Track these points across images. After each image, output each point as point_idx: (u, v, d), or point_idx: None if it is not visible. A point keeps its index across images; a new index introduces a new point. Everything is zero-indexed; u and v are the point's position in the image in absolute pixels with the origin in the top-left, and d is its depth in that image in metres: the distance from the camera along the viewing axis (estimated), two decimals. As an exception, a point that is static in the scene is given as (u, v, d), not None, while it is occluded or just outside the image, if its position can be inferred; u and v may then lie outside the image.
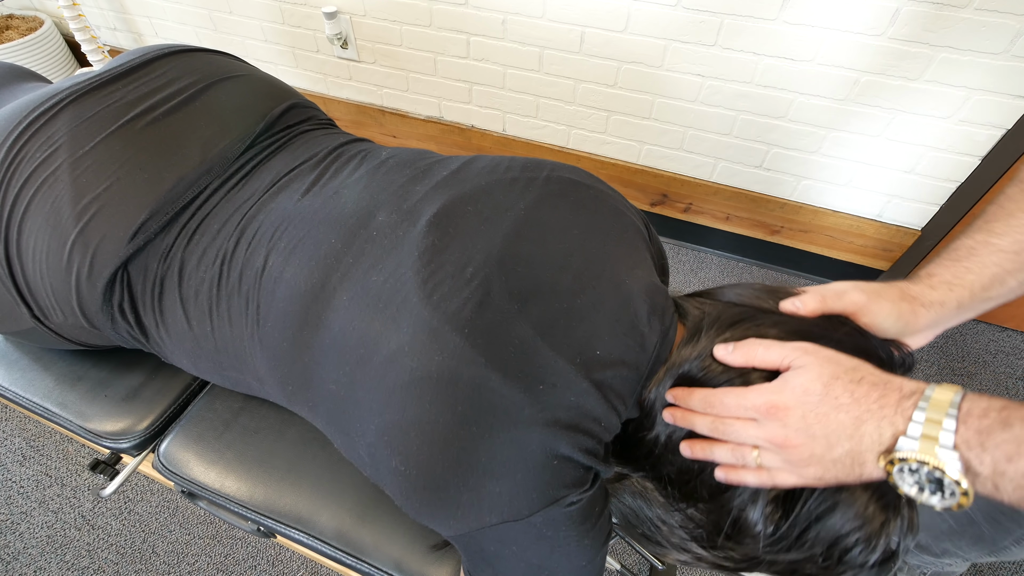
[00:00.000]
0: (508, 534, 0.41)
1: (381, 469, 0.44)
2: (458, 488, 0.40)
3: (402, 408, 0.41)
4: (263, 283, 0.50)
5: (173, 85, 0.61)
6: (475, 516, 0.41)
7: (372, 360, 0.43)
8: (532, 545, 0.42)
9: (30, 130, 0.55)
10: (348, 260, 0.47)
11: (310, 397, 0.49)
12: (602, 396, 0.42)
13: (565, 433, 0.40)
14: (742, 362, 0.40)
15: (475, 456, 0.40)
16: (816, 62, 1.13)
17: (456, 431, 0.40)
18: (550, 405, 0.40)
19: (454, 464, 0.40)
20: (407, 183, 0.53)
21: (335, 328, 0.45)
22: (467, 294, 0.43)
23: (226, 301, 0.52)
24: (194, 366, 0.59)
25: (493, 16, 1.32)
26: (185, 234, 0.55)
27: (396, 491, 0.44)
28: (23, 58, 1.80)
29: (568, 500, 0.41)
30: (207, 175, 0.57)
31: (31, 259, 0.54)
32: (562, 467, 0.41)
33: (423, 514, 0.44)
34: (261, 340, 0.50)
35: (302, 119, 0.67)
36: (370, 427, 0.43)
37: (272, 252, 0.51)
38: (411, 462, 0.41)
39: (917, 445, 0.32)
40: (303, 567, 1.08)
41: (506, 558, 0.43)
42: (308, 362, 0.47)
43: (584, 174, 0.56)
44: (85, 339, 0.64)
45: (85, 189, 0.53)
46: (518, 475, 0.40)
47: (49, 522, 1.13)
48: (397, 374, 0.41)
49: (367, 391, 0.43)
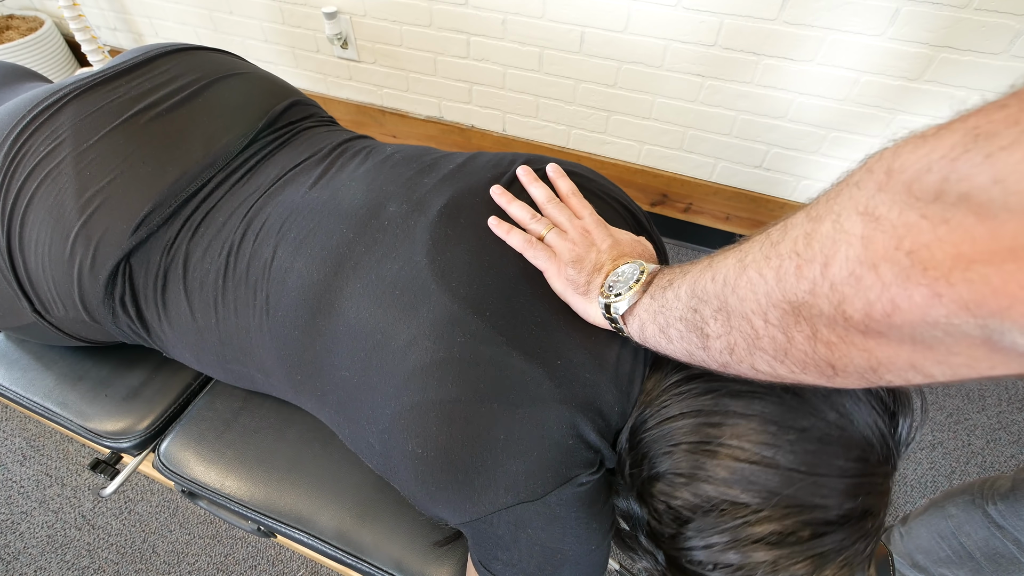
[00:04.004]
0: (523, 516, 0.42)
1: (394, 455, 0.45)
2: (476, 468, 0.41)
3: (423, 389, 0.42)
4: (272, 273, 0.51)
5: (176, 82, 0.62)
6: (491, 497, 0.42)
7: (389, 346, 0.44)
8: (546, 527, 0.43)
9: (34, 124, 0.56)
10: (360, 249, 0.49)
11: (320, 386, 0.50)
12: (613, 376, 0.43)
13: (580, 411, 0.42)
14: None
15: (494, 434, 0.41)
16: (816, 62, 1.13)
17: (477, 408, 0.41)
18: (567, 380, 0.42)
19: (473, 443, 0.41)
20: (415, 176, 0.54)
21: (349, 316, 0.47)
22: (485, 279, 0.45)
23: (232, 292, 0.53)
24: (196, 359, 0.59)
25: (493, 16, 1.32)
26: (189, 227, 0.55)
27: (410, 477, 0.45)
28: (23, 58, 1.80)
29: (579, 480, 0.42)
30: (210, 169, 0.58)
31: (33, 252, 0.55)
32: (576, 446, 0.42)
33: (439, 499, 0.44)
34: (271, 330, 0.51)
35: (304, 116, 0.68)
36: (385, 412, 0.44)
37: (281, 243, 0.52)
38: (429, 444, 0.42)
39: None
40: (303, 567, 1.08)
41: (520, 542, 0.43)
42: (319, 350, 0.48)
43: (586, 169, 0.58)
44: (86, 334, 0.64)
45: (89, 182, 0.54)
46: (534, 453, 0.41)
47: (49, 522, 1.13)
48: (418, 357, 0.43)
49: (383, 376, 0.44)
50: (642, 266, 0.42)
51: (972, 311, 0.19)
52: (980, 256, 0.19)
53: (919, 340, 0.22)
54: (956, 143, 0.20)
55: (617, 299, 0.41)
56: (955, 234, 0.19)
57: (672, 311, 0.36)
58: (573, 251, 0.46)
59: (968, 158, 0.19)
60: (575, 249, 0.46)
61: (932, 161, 0.20)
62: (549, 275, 0.47)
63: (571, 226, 0.49)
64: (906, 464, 1.18)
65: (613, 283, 0.42)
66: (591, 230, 0.49)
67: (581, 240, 0.47)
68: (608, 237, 0.48)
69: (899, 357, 0.24)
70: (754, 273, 0.29)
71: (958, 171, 0.19)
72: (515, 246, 0.48)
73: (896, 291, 0.21)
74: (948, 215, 0.20)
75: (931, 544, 0.84)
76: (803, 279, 0.26)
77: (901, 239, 0.21)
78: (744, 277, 0.30)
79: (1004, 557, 0.75)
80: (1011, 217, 0.18)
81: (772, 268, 0.28)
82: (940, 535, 0.83)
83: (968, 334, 0.20)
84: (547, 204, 0.52)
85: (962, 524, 0.79)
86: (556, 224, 0.50)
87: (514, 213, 0.51)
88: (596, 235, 0.48)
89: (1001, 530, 0.74)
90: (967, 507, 0.79)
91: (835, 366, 0.27)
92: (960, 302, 0.19)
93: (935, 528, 0.83)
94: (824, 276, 0.25)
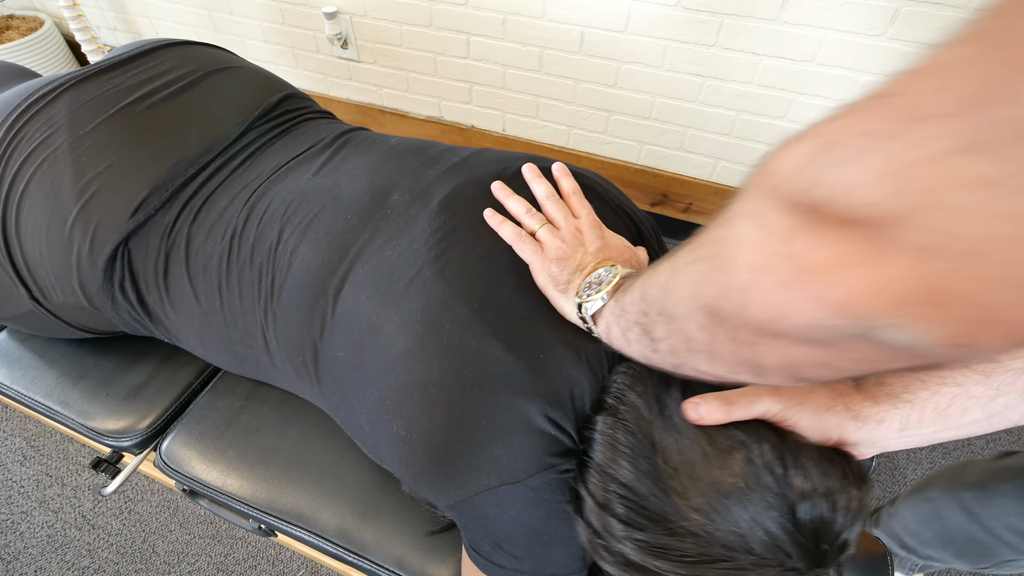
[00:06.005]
0: (506, 496, 0.43)
1: (380, 436, 0.46)
2: (458, 452, 0.42)
3: (408, 371, 0.43)
4: (277, 256, 0.52)
5: (171, 73, 0.62)
6: (474, 479, 0.42)
7: (382, 328, 0.45)
8: (530, 508, 0.43)
9: (29, 112, 0.56)
10: (365, 236, 0.50)
11: (319, 367, 0.51)
12: (592, 372, 0.44)
13: (560, 405, 0.42)
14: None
15: (476, 419, 0.42)
16: (816, 62, 1.13)
17: (459, 394, 0.42)
18: (548, 375, 0.42)
19: (455, 427, 0.42)
20: (419, 167, 0.55)
21: (349, 299, 0.48)
22: (477, 270, 0.46)
23: (236, 275, 0.53)
24: (201, 343, 0.60)
25: (493, 16, 1.32)
26: (189, 211, 0.56)
27: (395, 459, 0.46)
28: (23, 58, 1.80)
29: (562, 467, 0.43)
30: (207, 154, 0.58)
31: (30, 238, 0.55)
32: (556, 437, 0.42)
33: (422, 481, 0.45)
34: (276, 312, 0.52)
35: (299, 107, 0.69)
36: (373, 392, 0.45)
37: (286, 227, 0.52)
38: (413, 427, 0.43)
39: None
40: (303, 566, 1.08)
41: (506, 523, 0.44)
42: (321, 331, 0.49)
43: (590, 172, 0.58)
44: (85, 322, 0.64)
45: (86, 168, 0.54)
46: (515, 439, 0.42)
47: (49, 522, 1.13)
48: (407, 339, 0.44)
49: (374, 356, 0.45)
50: (618, 270, 0.43)
51: (845, 313, 0.20)
52: (840, 260, 0.19)
53: (817, 341, 0.22)
54: (812, 150, 0.20)
55: (588, 300, 0.42)
56: (819, 239, 0.20)
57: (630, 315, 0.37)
58: (560, 249, 0.47)
59: (821, 166, 0.20)
60: (562, 247, 0.47)
61: (798, 167, 0.21)
62: (534, 269, 0.47)
63: (565, 224, 0.49)
64: (906, 463, 1.18)
65: (589, 284, 0.43)
66: (584, 230, 0.49)
67: (571, 239, 0.48)
68: (598, 239, 0.48)
69: (807, 356, 0.24)
70: (684, 278, 0.29)
71: (816, 178, 0.20)
72: (505, 237, 0.49)
73: (783, 295, 0.22)
74: (814, 221, 0.20)
75: (916, 526, 0.85)
76: (712, 283, 0.26)
77: (783, 243, 0.21)
78: (676, 281, 0.30)
79: (980, 544, 0.75)
80: (857, 224, 0.18)
81: (692, 272, 0.28)
82: (922, 518, 0.83)
83: (854, 334, 0.20)
84: (546, 200, 0.52)
85: (940, 509, 0.80)
86: (551, 220, 0.50)
87: (511, 207, 0.51)
88: (587, 236, 0.48)
89: (975, 517, 0.75)
90: (943, 492, 0.80)
91: (760, 365, 0.27)
92: (833, 305, 0.20)
93: (918, 511, 0.84)
94: (728, 280, 0.25)
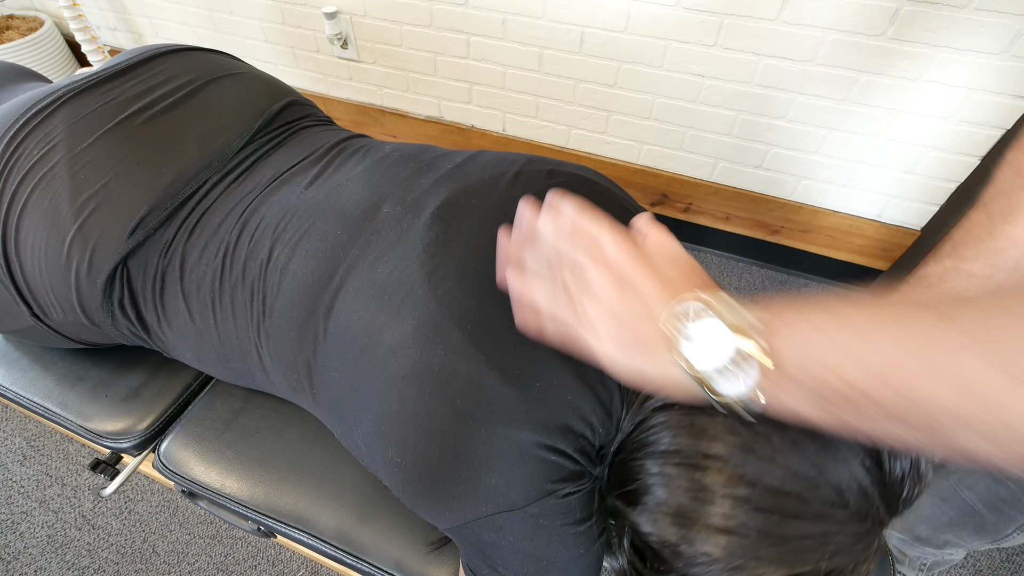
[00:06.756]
0: (505, 524, 0.42)
1: (377, 459, 0.45)
2: (454, 480, 0.41)
3: (401, 399, 0.42)
4: (268, 274, 0.50)
5: (171, 83, 0.61)
6: (471, 507, 0.41)
7: (375, 350, 0.44)
8: (529, 535, 0.42)
9: (27, 127, 0.55)
10: (355, 252, 0.48)
11: (313, 385, 0.50)
12: (595, 397, 0.42)
13: (559, 432, 0.41)
14: None
15: (471, 448, 0.40)
16: (816, 62, 1.13)
17: (453, 424, 0.40)
18: (545, 403, 0.40)
19: (450, 456, 0.40)
20: (411, 176, 0.53)
21: (340, 318, 0.46)
22: (471, 289, 0.43)
23: (229, 293, 0.52)
24: (198, 359, 0.59)
25: (493, 16, 1.32)
26: (185, 229, 0.55)
27: (392, 482, 0.45)
28: (23, 58, 1.80)
29: (563, 492, 0.41)
30: (206, 170, 0.57)
31: (30, 256, 0.54)
32: (557, 463, 0.41)
33: (419, 506, 0.44)
34: (268, 330, 0.51)
35: (301, 116, 0.67)
36: (367, 416, 0.44)
37: (277, 243, 0.51)
38: (407, 454, 0.42)
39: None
40: (303, 567, 1.08)
41: (503, 549, 0.43)
42: (314, 350, 0.48)
43: (590, 171, 0.56)
44: (85, 337, 0.64)
45: (83, 185, 0.53)
46: (514, 468, 0.40)
47: (49, 522, 1.13)
48: (399, 364, 0.42)
49: (367, 380, 0.44)
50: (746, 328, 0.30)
51: None
52: None
53: None
54: None
55: (722, 377, 0.31)
56: None
57: (833, 397, 0.28)
58: (604, 312, 0.36)
59: None
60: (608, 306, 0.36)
61: None
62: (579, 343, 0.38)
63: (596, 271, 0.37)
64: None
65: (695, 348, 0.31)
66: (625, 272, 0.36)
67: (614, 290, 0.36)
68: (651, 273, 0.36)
69: None
70: None
71: None
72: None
73: None
74: None
75: (932, 511, 0.84)
76: None
77: None
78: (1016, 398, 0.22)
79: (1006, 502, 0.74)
80: None
81: None
82: (942, 497, 0.82)
83: None
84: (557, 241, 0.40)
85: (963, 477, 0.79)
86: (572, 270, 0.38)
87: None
88: (634, 277, 0.36)
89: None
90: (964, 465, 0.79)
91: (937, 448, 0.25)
92: None
93: (936, 492, 0.83)
94: None
